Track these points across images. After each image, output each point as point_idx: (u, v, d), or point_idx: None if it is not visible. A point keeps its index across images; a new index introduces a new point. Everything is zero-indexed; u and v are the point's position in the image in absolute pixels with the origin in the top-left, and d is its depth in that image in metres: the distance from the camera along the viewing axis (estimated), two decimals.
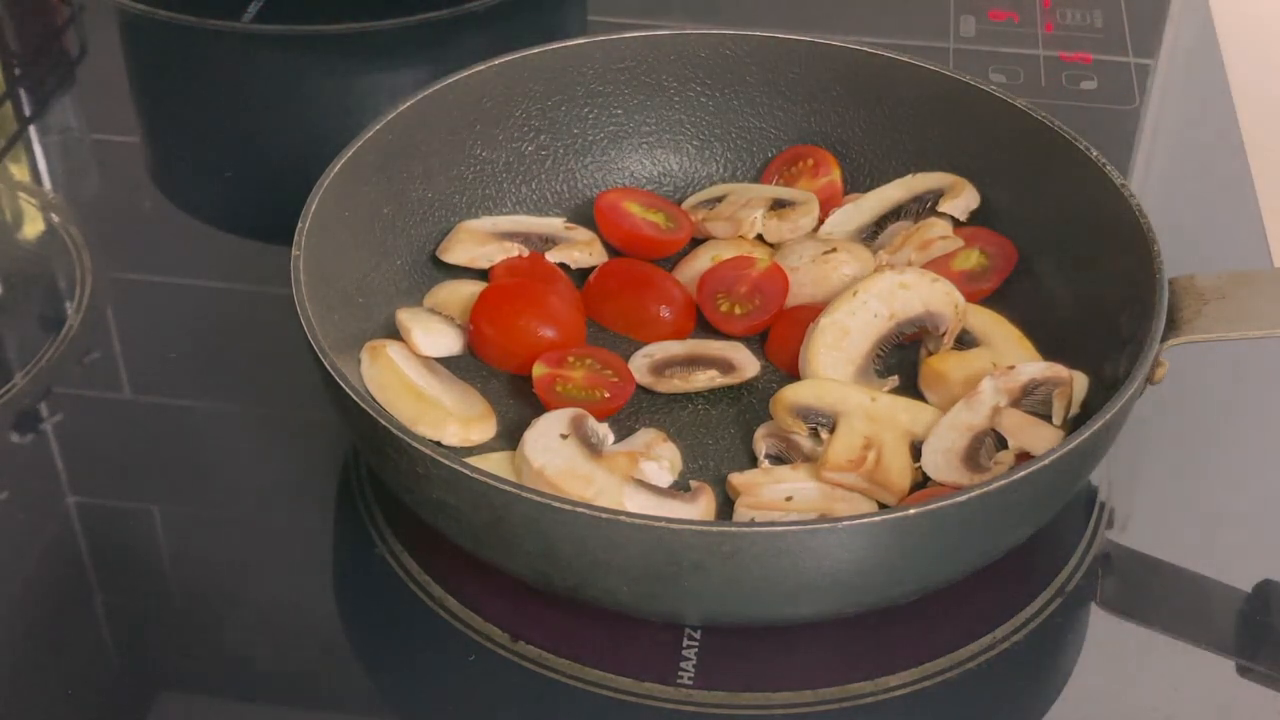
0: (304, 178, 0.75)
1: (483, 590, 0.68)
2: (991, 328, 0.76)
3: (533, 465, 0.68)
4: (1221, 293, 0.69)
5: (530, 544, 0.62)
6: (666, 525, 0.59)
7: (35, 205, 0.94)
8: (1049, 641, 0.67)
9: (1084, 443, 0.63)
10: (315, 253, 0.71)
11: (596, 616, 0.66)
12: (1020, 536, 0.66)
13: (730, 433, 0.74)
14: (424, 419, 0.71)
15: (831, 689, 0.65)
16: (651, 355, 0.77)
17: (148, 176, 0.99)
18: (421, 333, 0.75)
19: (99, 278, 0.86)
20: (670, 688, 0.65)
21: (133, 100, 1.06)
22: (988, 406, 0.71)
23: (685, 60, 0.86)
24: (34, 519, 0.73)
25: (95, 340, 0.83)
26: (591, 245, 0.83)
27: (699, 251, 0.83)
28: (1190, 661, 0.67)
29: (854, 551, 0.60)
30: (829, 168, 0.85)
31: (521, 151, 0.85)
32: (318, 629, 0.69)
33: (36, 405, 0.79)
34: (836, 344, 0.75)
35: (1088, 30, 1.09)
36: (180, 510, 0.74)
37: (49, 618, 0.69)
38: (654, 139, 0.88)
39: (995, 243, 0.81)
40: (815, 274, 0.79)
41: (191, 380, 0.80)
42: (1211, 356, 0.71)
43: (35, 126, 1.02)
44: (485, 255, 0.81)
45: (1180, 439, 0.77)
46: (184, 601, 0.70)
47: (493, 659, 0.66)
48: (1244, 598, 0.70)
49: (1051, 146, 0.78)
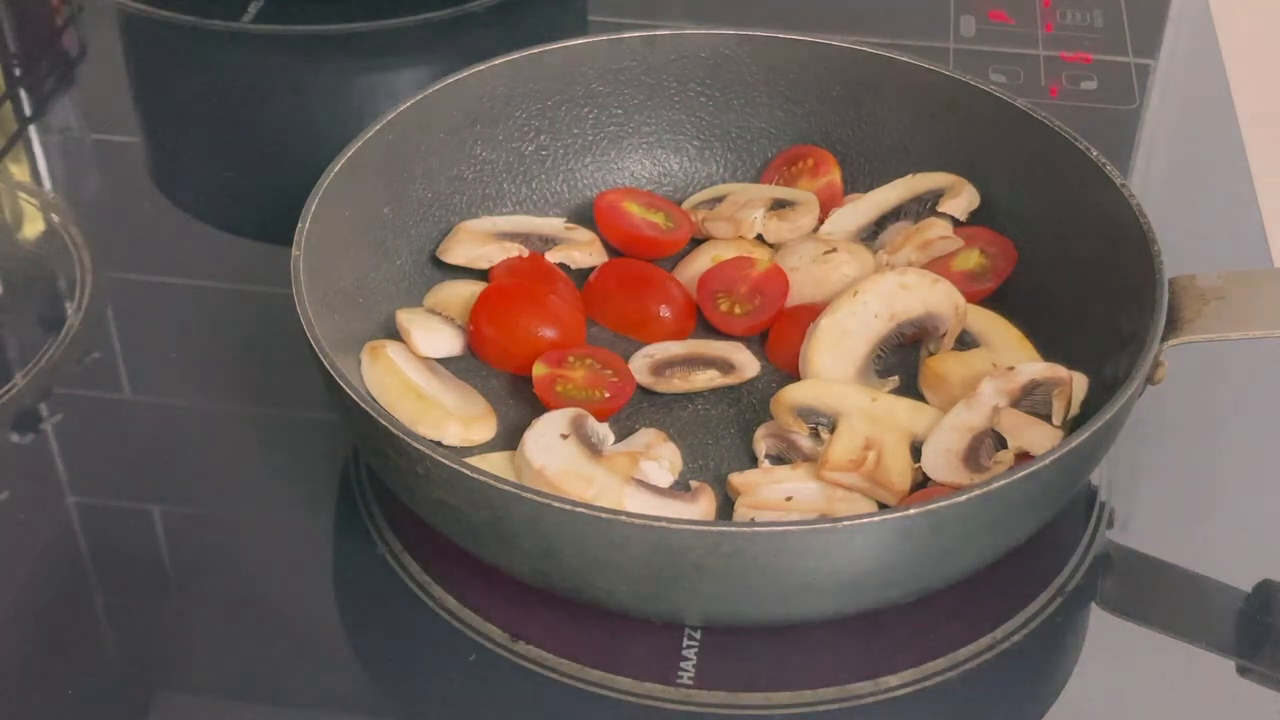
0: (304, 178, 0.75)
1: (483, 590, 0.68)
2: (991, 328, 0.76)
3: (533, 465, 0.68)
4: (1221, 293, 0.69)
5: (530, 544, 0.62)
6: (666, 525, 0.59)
7: (35, 205, 0.94)
8: (1049, 641, 0.67)
9: (1084, 443, 0.63)
10: (315, 253, 0.71)
11: (596, 616, 0.66)
12: (1020, 536, 0.66)
13: (730, 433, 0.74)
14: (424, 419, 0.71)
15: (831, 689, 0.65)
16: (651, 355, 0.77)
17: (148, 176, 0.99)
18: (421, 334, 0.75)
19: (99, 278, 0.86)
20: (670, 688, 0.65)
21: (133, 100, 1.06)
22: (987, 407, 0.71)
23: (685, 60, 0.86)
24: (34, 519, 0.73)
25: (95, 340, 0.83)
26: (591, 245, 0.83)
27: (699, 251, 0.83)
28: (1190, 661, 0.67)
29: (854, 551, 0.60)
30: (829, 168, 0.85)
31: (521, 151, 0.85)
32: (317, 628, 0.69)
33: (36, 405, 0.79)
34: (837, 344, 0.75)
35: (1088, 30, 1.09)
36: (180, 510, 0.74)
37: (49, 618, 0.69)
38: (654, 139, 0.88)
39: (995, 243, 0.81)
40: (815, 274, 0.79)
41: (191, 380, 0.80)
42: (1211, 356, 0.71)
43: (35, 126, 1.02)
44: (485, 255, 0.81)
45: (1180, 439, 0.77)
46: (184, 601, 0.70)
47: (493, 659, 0.66)
48: (1244, 598, 0.70)
49: (1051, 146, 0.78)
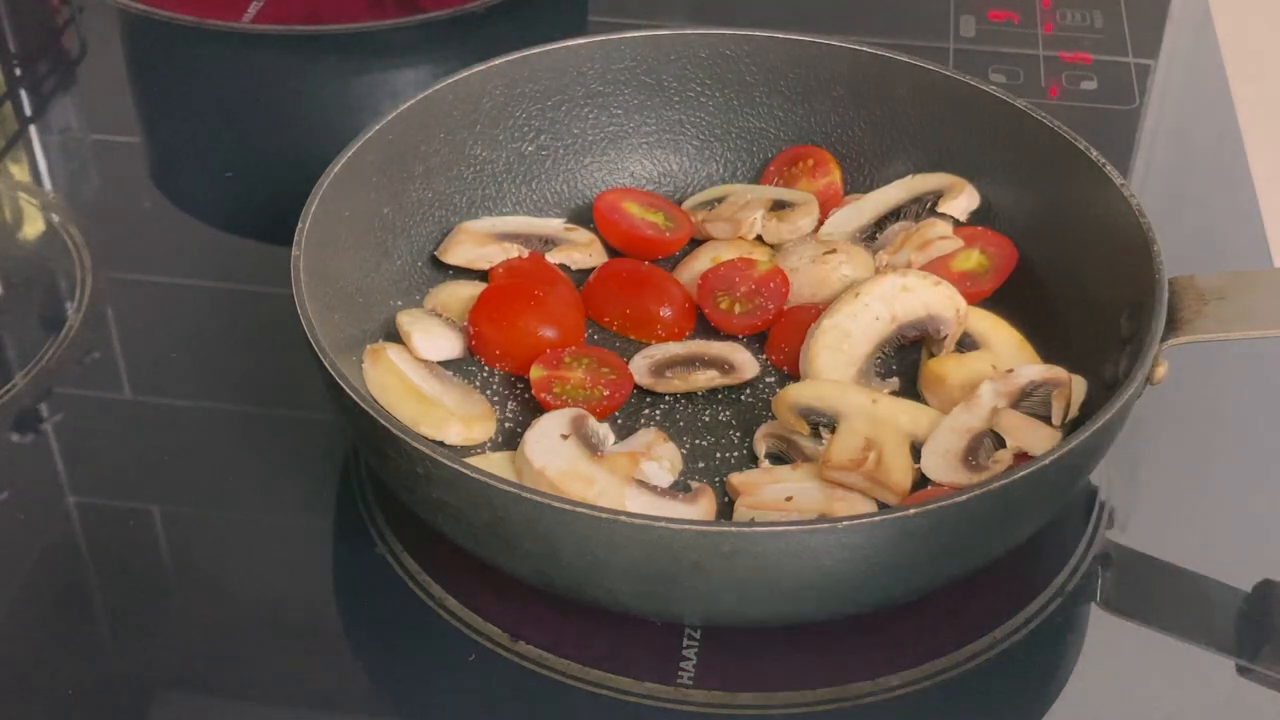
0: (304, 178, 0.75)
1: (483, 590, 0.68)
2: (991, 330, 0.76)
3: (533, 465, 0.68)
4: (1221, 293, 0.69)
5: (530, 544, 0.62)
6: (666, 525, 0.59)
7: (35, 205, 0.94)
8: (1049, 641, 0.67)
9: (1083, 443, 0.63)
10: (315, 253, 0.71)
11: (596, 616, 0.66)
12: (1020, 536, 0.66)
13: (730, 433, 0.74)
14: (426, 419, 0.71)
15: (831, 689, 0.65)
16: (651, 355, 0.77)
17: (148, 176, 0.99)
18: (422, 336, 0.75)
19: (99, 278, 0.86)
20: (670, 688, 0.65)
21: (133, 100, 1.06)
22: (986, 409, 0.71)
23: (685, 60, 0.86)
24: (34, 519, 0.73)
25: (95, 340, 0.83)
26: (591, 246, 0.83)
27: (699, 252, 0.83)
28: (1190, 661, 0.67)
29: (854, 551, 0.60)
30: (829, 168, 0.85)
31: (521, 152, 0.85)
32: (318, 629, 0.69)
33: (36, 405, 0.79)
34: (838, 346, 0.75)
35: (1088, 30, 1.09)
36: (180, 510, 0.74)
37: (49, 618, 0.69)
38: (654, 139, 0.88)
39: (995, 243, 0.81)
40: (815, 275, 0.79)
41: (191, 380, 0.80)
42: (1211, 356, 0.71)
43: (35, 126, 1.02)
44: (485, 256, 0.81)
45: (1180, 439, 0.77)
46: (184, 601, 0.70)
47: (493, 659, 0.66)
48: (1244, 598, 0.70)
49: (1051, 146, 0.78)
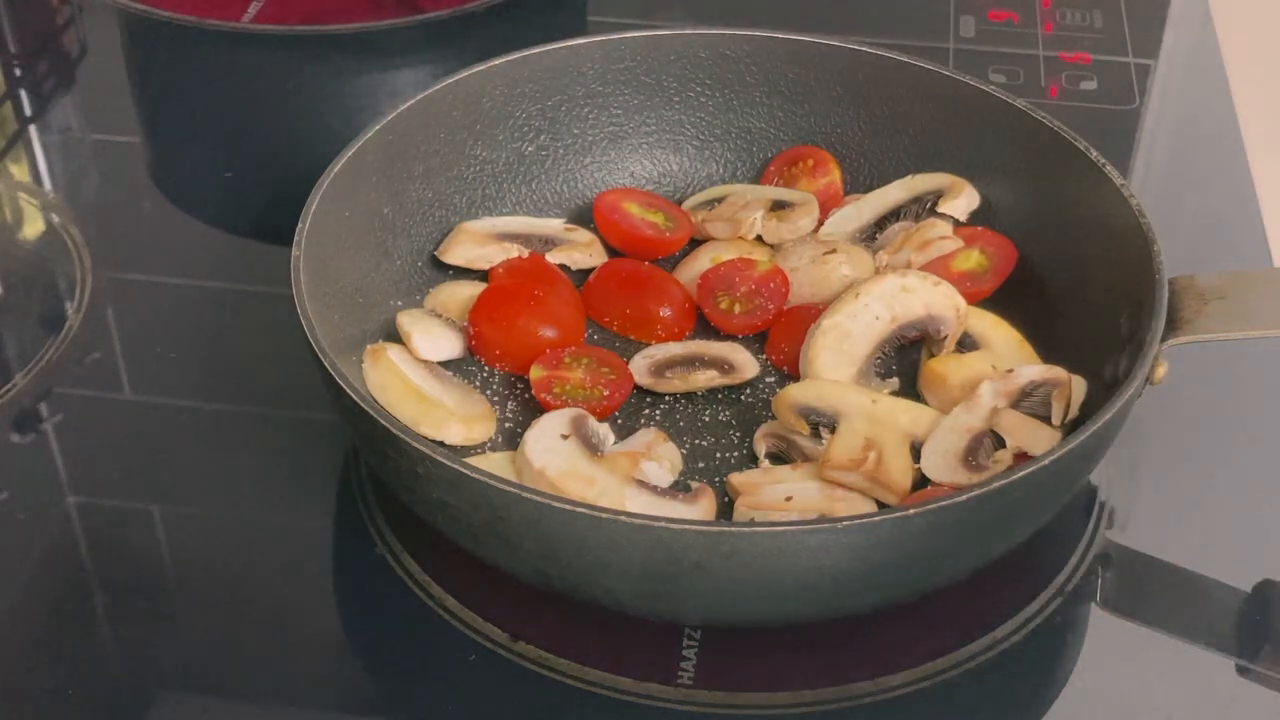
0: (304, 178, 0.75)
1: (483, 590, 0.68)
2: (991, 330, 0.76)
3: (533, 466, 0.68)
4: (1221, 293, 0.69)
5: (530, 544, 0.62)
6: (666, 525, 0.59)
7: (35, 205, 0.94)
8: (1049, 641, 0.67)
9: (1083, 443, 0.63)
10: (315, 253, 0.71)
11: (596, 616, 0.66)
12: (1020, 536, 0.66)
13: (730, 433, 0.74)
14: (426, 419, 0.71)
15: (831, 689, 0.65)
16: (651, 355, 0.77)
17: (148, 176, 0.99)
18: (422, 337, 0.75)
19: (99, 278, 0.86)
20: (670, 688, 0.65)
21: (133, 100, 1.06)
22: (986, 409, 0.71)
23: (685, 60, 0.86)
24: (34, 519, 0.73)
25: (95, 340, 0.83)
26: (591, 246, 0.83)
27: (699, 252, 0.83)
28: (1190, 661, 0.67)
29: (854, 551, 0.60)
30: (829, 168, 0.85)
31: (521, 151, 0.85)
32: (318, 629, 0.69)
33: (36, 405, 0.79)
34: (838, 346, 0.75)
35: (1088, 30, 1.09)
36: (180, 510, 0.74)
37: (49, 618, 0.69)
38: (654, 139, 0.88)
39: (995, 243, 0.81)
40: (814, 275, 0.79)
41: (191, 380, 0.80)
42: (1211, 356, 0.71)
43: (35, 126, 1.02)
44: (485, 256, 0.81)
45: (1180, 439, 0.77)
46: (184, 601, 0.70)
47: (493, 659, 0.66)
48: (1244, 598, 0.70)
49: (1051, 146, 0.78)
